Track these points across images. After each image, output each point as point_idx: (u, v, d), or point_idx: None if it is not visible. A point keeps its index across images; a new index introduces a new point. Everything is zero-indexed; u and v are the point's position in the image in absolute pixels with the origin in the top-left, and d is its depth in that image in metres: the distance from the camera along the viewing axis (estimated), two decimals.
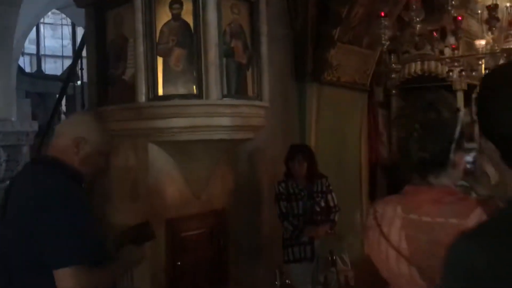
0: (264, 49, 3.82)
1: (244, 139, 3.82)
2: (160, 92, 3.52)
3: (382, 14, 4.22)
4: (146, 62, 3.45)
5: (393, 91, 8.06)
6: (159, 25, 3.51)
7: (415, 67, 8.54)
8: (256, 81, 3.79)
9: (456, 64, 7.21)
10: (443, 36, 8.38)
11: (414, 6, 4.10)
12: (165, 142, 3.63)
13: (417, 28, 4.35)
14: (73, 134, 2.00)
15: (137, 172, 3.69)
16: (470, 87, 8.57)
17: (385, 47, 4.46)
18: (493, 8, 4.98)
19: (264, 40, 3.82)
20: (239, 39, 3.69)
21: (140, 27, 3.44)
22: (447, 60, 8.08)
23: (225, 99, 3.52)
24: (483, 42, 7.60)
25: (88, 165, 2.03)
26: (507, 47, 5.99)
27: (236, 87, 3.65)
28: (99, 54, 3.83)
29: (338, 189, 5.27)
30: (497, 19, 4.75)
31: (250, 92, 3.77)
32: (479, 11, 7.04)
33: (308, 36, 4.79)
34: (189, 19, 3.50)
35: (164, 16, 3.52)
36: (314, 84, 4.90)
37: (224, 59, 3.53)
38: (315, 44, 4.80)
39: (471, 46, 7.90)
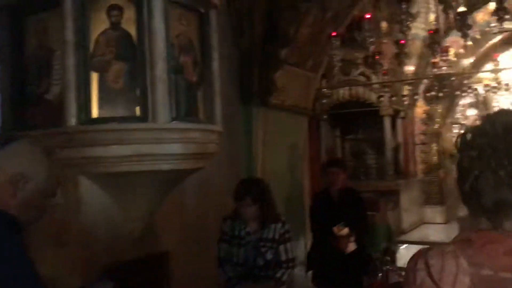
0: (215, 65, 3.38)
1: (195, 168, 3.30)
2: (95, 114, 2.92)
3: (334, 33, 3.98)
4: (77, 77, 2.86)
5: (324, 116, 8.00)
6: (94, 34, 2.94)
7: (344, 93, 8.59)
8: (208, 102, 3.32)
9: (386, 89, 7.29)
10: (369, 62, 8.54)
11: (366, 27, 3.91)
12: (100, 174, 3.00)
13: (370, 49, 4.17)
14: (9, 171, 1.43)
15: (65, 211, 3.00)
16: (396, 112, 8.81)
17: (336, 68, 4.20)
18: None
19: (215, 55, 3.38)
20: (189, 54, 3.21)
21: (70, 36, 2.84)
22: (376, 85, 8.25)
23: (174, 122, 2.99)
24: (411, 67, 7.82)
25: (29, 209, 1.46)
26: (439, 72, 6.12)
27: (186, 109, 3.15)
28: (14, 69, 3.13)
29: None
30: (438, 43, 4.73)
31: (201, 115, 3.28)
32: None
33: (254, 56, 4.43)
34: (131, 28, 2.96)
35: (100, 24, 2.95)
36: (261, 108, 4.53)
37: (173, 76, 3.02)
38: (261, 64, 4.45)
39: (395, 72, 8.10)
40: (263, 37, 4.40)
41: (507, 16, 8.22)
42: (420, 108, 9.63)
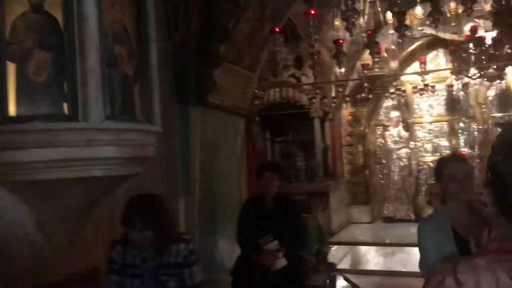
0: (153, 58, 3.04)
1: (131, 174, 2.93)
2: (12, 111, 2.48)
3: (277, 29, 3.79)
4: None
5: (256, 118, 7.83)
6: (10, 17, 2.49)
7: (274, 94, 8.48)
8: (145, 99, 2.96)
9: (317, 91, 7.27)
10: (299, 64, 8.52)
11: (311, 22, 3.75)
12: (20, 183, 2.55)
13: (315, 47, 4.03)
14: None
15: None
16: (325, 113, 8.87)
17: (281, 66, 4.02)
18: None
19: (153, 47, 3.03)
20: (124, 44, 2.84)
21: None
22: (307, 87, 8.23)
23: (107, 121, 2.61)
24: (342, 69, 7.88)
25: None
26: (371, 74, 6.19)
27: (121, 106, 2.78)
28: None
29: (219, 227, 4.66)
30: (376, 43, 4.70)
31: (138, 114, 2.92)
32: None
33: (191, 51, 4.11)
34: (57, 12, 2.55)
35: (17, 5, 2.51)
36: (198, 108, 4.22)
37: (106, 69, 2.64)
38: (199, 61, 4.14)
39: (325, 75, 8.13)
40: (200, 32, 4.09)
41: (427, 23, 8.61)
42: (347, 110, 9.80)
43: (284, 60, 3.91)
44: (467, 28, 8.81)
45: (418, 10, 6.13)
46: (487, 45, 5.11)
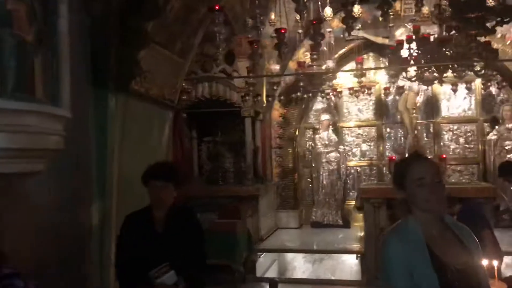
0: (63, 24, 2.37)
1: (29, 173, 2.23)
2: None
3: (217, 7, 3.24)
4: None
5: (184, 114, 7.20)
6: None
7: (203, 90, 7.89)
8: (50, 74, 2.29)
9: (251, 88, 6.81)
10: (230, 59, 8.01)
11: (257, 2, 3.23)
12: None
13: (261, 29, 3.51)
14: None
15: None
16: (256, 113, 8.44)
17: (220, 50, 3.48)
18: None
19: (63, 10, 2.37)
20: (22, 0, 2.15)
21: None
22: (239, 84, 7.74)
23: None
24: (277, 66, 7.48)
25: None
26: (309, 71, 5.83)
27: (17, 82, 2.09)
28: None
29: None
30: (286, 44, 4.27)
31: (39, 92, 2.23)
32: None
33: (111, 27, 3.44)
34: None
35: None
36: (119, 95, 3.55)
37: None
38: (122, 39, 3.48)
39: (257, 73, 7.70)
40: (124, 4, 3.44)
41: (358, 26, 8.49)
42: (277, 111, 9.44)
43: (223, 43, 3.35)
44: (398, 32, 8.90)
45: (328, 11, 5.71)
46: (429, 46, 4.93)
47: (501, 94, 8.91)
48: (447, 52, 4.82)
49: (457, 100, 9.30)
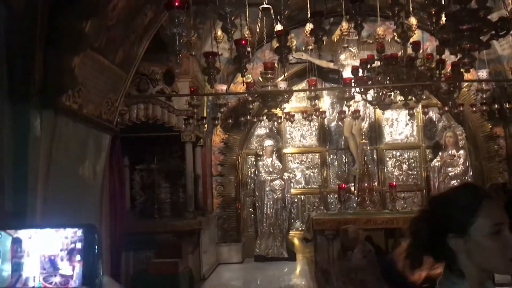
0: None
1: None
2: None
3: (177, 3, 2.59)
4: None
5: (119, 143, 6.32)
6: None
7: (138, 112, 7.08)
8: None
9: (195, 110, 6.15)
10: (170, 80, 7.29)
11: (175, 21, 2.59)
12: None
13: (232, 31, 2.88)
14: None
15: None
16: (197, 138, 7.73)
17: (178, 59, 2.82)
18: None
19: None
20: None
21: None
22: (179, 107, 7.02)
23: None
24: (224, 87, 6.88)
25: None
26: (264, 90, 5.28)
27: None
28: None
29: None
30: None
31: None
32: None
33: (37, 24, 2.66)
34: None
35: None
36: (45, 112, 2.75)
37: None
38: (50, 41, 2.71)
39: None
40: None
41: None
42: (218, 136, 8.80)
43: (183, 49, 2.68)
44: (342, 57, 8.70)
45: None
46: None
47: (442, 120, 8.94)
48: (414, 72, 4.50)
49: (399, 127, 9.24)
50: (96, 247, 1.64)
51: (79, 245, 1.65)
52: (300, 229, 8.97)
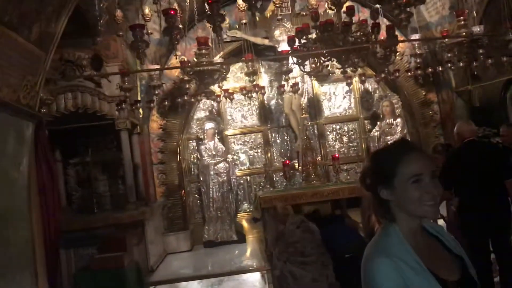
0: None
1: None
2: None
3: None
4: None
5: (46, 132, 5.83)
6: None
7: (66, 102, 6.58)
8: None
9: (128, 94, 5.78)
10: (98, 65, 6.83)
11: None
12: None
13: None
14: None
15: None
16: (133, 126, 7.33)
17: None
18: None
19: None
20: None
21: None
22: (110, 93, 6.59)
23: None
24: (156, 66, 6.52)
25: None
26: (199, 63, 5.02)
27: None
28: None
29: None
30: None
31: None
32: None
33: None
34: None
35: None
36: None
37: None
38: None
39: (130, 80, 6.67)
40: None
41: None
42: (156, 123, 8.43)
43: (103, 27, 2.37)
44: (277, 32, 8.55)
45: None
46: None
47: (378, 90, 9.08)
48: (350, 38, 4.42)
49: (337, 100, 9.30)
50: None
51: None
52: (248, 210, 8.87)
